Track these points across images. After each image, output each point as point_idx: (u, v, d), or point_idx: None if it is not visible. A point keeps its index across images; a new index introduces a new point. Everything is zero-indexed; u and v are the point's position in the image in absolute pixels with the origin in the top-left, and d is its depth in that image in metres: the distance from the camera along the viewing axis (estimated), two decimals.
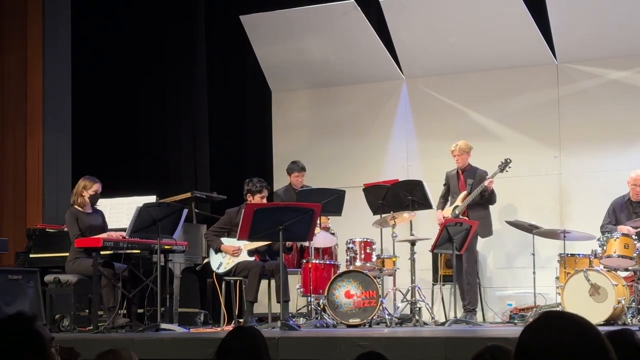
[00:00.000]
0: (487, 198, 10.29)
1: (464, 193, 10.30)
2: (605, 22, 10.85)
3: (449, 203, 10.50)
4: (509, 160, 10.20)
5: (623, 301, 8.78)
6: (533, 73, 11.40)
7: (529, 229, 10.11)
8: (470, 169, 10.45)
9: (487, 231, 10.38)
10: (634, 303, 8.91)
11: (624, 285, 8.93)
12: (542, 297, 10.11)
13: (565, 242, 9.62)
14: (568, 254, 9.48)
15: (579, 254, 9.46)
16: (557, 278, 9.50)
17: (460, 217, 10.12)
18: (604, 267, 9.08)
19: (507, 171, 10.22)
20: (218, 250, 9.33)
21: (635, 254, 9.01)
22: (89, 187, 9.23)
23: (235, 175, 11.72)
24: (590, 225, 9.96)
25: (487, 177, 10.21)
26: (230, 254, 9.27)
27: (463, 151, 10.41)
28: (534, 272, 9.94)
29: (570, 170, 11.19)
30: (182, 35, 12.81)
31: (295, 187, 10.80)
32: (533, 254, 10.01)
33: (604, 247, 9.09)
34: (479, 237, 10.29)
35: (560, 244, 9.68)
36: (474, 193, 10.19)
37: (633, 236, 9.11)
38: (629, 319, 8.78)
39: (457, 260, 9.85)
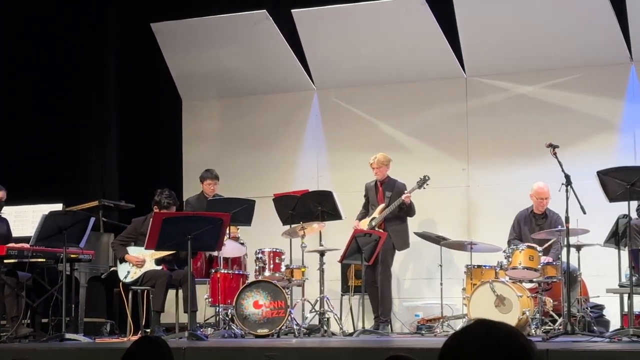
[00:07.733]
0: (406, 211, 10.33)
1: (381, 206, 10.31)
2: (513, 38, 11.04)
3: (369, 214, 10.51)
4: (427, 178, 10.22)
5: (527, 312, 8.93)
6: (442, 86, 11.53)
7: (437, 240, 10.23)
8: (389, 182, 10.45)
9: (403, 243, 10.40)
10: (538, 314, 9.07)
11: (528, 297, 9.08)
12: (449, 308, 10.22)
13: (472, 254, 9.75)
14: (474, 266, 9.62)
15: (485, 266, 9.61)
16: (463, 289, 9.63)
17: (377, 229, 10.14)
18: (510, 279, 9.23)
19: (424, 188, 10.26)
20: (122, 260, 9.24)
21: (539, 266, 9.17)
22: None
23: (144, 184, 11.58)
24: (497, 237, 10.10)
25: (406, 192, 10.23)
26: (134, 264, 9.18)
27: (382, 164, 10.41)
28: (441, 283, 10.06)
29: (478, 183, 11.34)
30: (93, 41, 12.62)
31: (207, 195, 10.73)
32: (440, 265, 10.13)
33: (510, 259, 9.24)
34: (395, 250, 10.37)
35: (467, 255, 9.80)
36: (392, 206, 10.21)
37: (538, 248, 9.27)
38: (533, 330, 8.92)
39: (366, 271, 9.90)
